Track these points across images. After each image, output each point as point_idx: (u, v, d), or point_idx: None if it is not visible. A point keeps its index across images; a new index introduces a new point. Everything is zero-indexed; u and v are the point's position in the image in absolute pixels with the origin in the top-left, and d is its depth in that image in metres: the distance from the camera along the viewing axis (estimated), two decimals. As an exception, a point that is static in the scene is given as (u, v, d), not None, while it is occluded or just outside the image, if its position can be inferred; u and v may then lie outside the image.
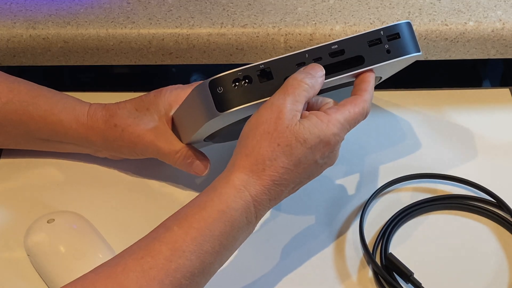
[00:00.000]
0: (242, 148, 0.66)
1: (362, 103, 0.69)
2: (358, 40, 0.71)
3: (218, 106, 0.68)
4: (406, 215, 0.78)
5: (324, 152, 0.67)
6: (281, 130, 0.65)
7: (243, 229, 0.65)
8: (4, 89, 0.78)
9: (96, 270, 0.61)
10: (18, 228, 0.77)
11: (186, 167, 0.77)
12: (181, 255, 0.61)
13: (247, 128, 0.67)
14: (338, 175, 0.82)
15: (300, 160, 0.66)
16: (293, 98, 0.66)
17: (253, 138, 0.66)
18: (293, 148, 0.65)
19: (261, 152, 0.65)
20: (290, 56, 0.70)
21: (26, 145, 0.82)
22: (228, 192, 0.64)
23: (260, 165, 0.65)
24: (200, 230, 0.62)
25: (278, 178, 0.65)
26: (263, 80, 0.69)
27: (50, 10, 0.90)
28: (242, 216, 0.64)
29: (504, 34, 0.88)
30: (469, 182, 0.81)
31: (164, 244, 0.61)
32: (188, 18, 0.89)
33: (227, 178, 0.65)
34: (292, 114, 0.65)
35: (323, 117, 0.66)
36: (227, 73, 0.68)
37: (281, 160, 0.65)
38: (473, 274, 0.73)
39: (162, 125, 0.77)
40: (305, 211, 0.79)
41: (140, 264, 0.60)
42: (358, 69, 0.71)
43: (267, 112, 0.66)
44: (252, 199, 0.65)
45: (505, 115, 0.90)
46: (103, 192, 0.82)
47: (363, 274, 0.73)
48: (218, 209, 0.63)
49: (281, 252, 0.75)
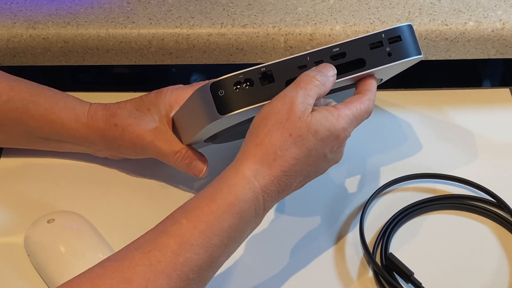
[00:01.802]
0: (252, 137, 0.66)
1: (367, 101, 0.70)
2: (360, 42, 0.71)
3: (219, 109, 0.68)
4: (406, 215, 0.78)
5: (333, 146, 0.67)
6: (293, 120, 0.65)
7: (251, 221, 0.65)
8: (4, 87, 0.78)
9: (103, 264, 0.60)
10: (18, 228, 0.77)
11: (184, 168, 0.77)
12: (189, 249, 0.61)
13: (258, 118, 0.67)
14: (338, 175, 0.82)
15: (311, 151, 0.66)
16: (305, 92, 0.66)
17: (264, 128, 0.66)
18: (305, 139, 0.65)
19: (272, 142, 0.65)
20: (292, 59, 0.70)
21: (26, 144, 0.82)
22: (238, 183, 0.64)
23: (271, 154, 0.65)
24: (209, 223, 0.62)
25: (289, 168, 0.65)
26: (264, 83, 0.69)
27: (50, 10, 0.90)
28: (251, 208, 0.64)
29: (504, 34, 0.88)
30: (469, 182, 0.81)
31: (172, 238, 0.61)
32: (188, 18, 0.89)
33: (237, 169, 0.65)
34: (304, 107, 0.66)
35: (333, 111, 0.67)
36: (228, 76, 0.68)
37: (293, 151, 0.65)
38: (473, 274, 0.73)
39: (163, 126, 0.77)
40: (306, 211, 0.79)
41: (148, 258, 0.60)
42: (360, 72, 0.71)
43: (279, 103, 0.66)
44: (261, 189, 0.64)
45: (505, 115, 0.90)
46: (103, 192, 0.82)
47: (364, 274, 0.73)
48: (227, 201, 0.63)
49: (281, 252, 0.75)
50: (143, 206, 0.80)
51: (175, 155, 0.76)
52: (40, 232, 0.74)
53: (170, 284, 0.59)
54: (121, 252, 0.61)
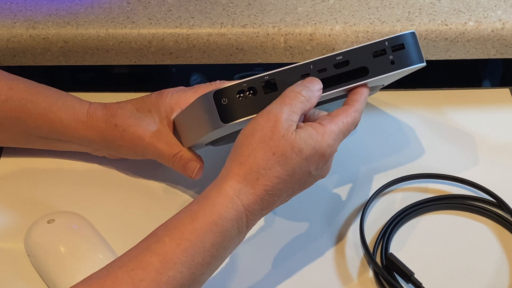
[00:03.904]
0: (236, 156, 0.66)
1: (353, 113, 0.69)
2: (363, 51, 0.71)
3: (222, 117, 0.68)
4: (406, 215, 0.78)
5: (318, 163, 0.67)
6: (277, 138, 0.65)
7: (234, 239, 0.64)
8: (3, 86, 0.78)
9: (86, 282, 0.60)
10: (18, 228, 0.77)
11: (180, 169, 0.77)
12: (172, 267, 0.60)
13: (242, 136, 0.66)
14: (338, 176, 0.82)
15: (295, 170, 0.65)
16: (290, 108, 0.66)
17: (248, 146, 0.65)
18: (288, 158, 0.65)
19: (256, 161, 0.65)
20: (295, 67, 0.69)
21: (25, 143, 0.82)
22: (221, 202, 0.63)
23: (254, 173, 0.64)
24: (192, 242, 0.62)
25: (272, 188, 0.65)
26: (267, 92, 0.69)
27: (50, 10, 0.90)
28: (233, 226, 0.64)
29: (504, 34, 0.88)
30: (469, 182, 0.81)
31: (155, 256, 0.61)
32: (188, 18, 0.89)
33: (220, 187, 0.64)
34: (288, 124, 0.65)
35: (318, 128, 0.66)
36: (231, 85, 0.68)
37: (276, 170, 0.65)
38: (473, 274, 0.73)
39: (163, 128, 0.77)
40: (306, 212, 0.79)
41: (131, 276, 0.59)
42: (362, 80, 0.70)
43: (263, 120, 0.66)
44: (244, 209, 0.64)
45: (505, 115, 0.90)
46: (103, 192, 0.82)
47: (364, 274, 0.73)
48: (210, 220, 0.63)
49: (281, 252, 0.75)
50: (143, 207, 0.80)
51: (173, 157, 0.76)
52: (40, 232, 0.74)
53: None
54: (104, 269, 0.61)
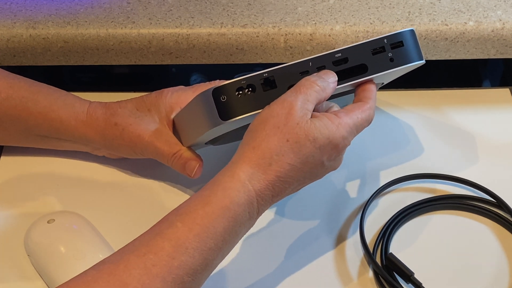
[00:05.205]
0: (249, 140, 0.66)
1: (368, 109, 0.69)
2: (362, 48, 0.71)
3: (221, 114, 0.68)
4: (406, 215, 0.78)
5: (331, 154, 0.67)
6: (291, 126, 0.65)
7: (245, 224, 0.65)
8: (4, 85, 0.78)
9: (98, 267, 0.60)
10: (18, 228, 0.77)
11: (180, 168, 0.77)
12: (184, 252, 0.61)
13: (256, 121, 0.67)
14: (338, 176, 0.82)
15: (308, 158, 0.65)
16: (305, 97, 0.66)
17: (262, 131, 0.65)
18: (302, 145, 0.65)
19: (269, 146, 0.65)
20: (294, 64, 0.70)
21: (25, 142, 0.82)
22: (232, 187, 0.64)
23: (267, 159, 0.65)
24: (204, 227, 0.62)
25: (284, 174, 0.65)
26: (266, 89, 0.69)
27: (50, 10, 0.90)
28: (245, 211, 0.64)
29: (504, 34, 0.88)
30: (469, 182, 0.81)
31: (167, 241, 0.61)
32: (188, 18, 0.89)
33: (232, 171, 0.65)
34: (303, 112, 0.66)
35: (333, 119, 0.67)
36: (230, 82, 0.68)
37: (289, 156, 0.65)
38: (473, 274, 0.73)
39: (163, 127, 0.77)
40: (306, 212, 0.79)
41: (143, 261, 0.60)
42: (362, 77, 0.70)
43: (278, 107, 0.66)
44: (256, 194, 0.64)
45: (505, 115, 0.90)
46: (103, 192, 0.82)
47: (364, 274, 0.73)
48: (222, 205, 0.63)
49: (281, 252, 0.75)
50: (143, 206, 0.80)
51: (173, 156, 0.76)
52: (40, 232, 0.74)
53: (165, 287, 0.59)
54: (117, 254, 0.61)
